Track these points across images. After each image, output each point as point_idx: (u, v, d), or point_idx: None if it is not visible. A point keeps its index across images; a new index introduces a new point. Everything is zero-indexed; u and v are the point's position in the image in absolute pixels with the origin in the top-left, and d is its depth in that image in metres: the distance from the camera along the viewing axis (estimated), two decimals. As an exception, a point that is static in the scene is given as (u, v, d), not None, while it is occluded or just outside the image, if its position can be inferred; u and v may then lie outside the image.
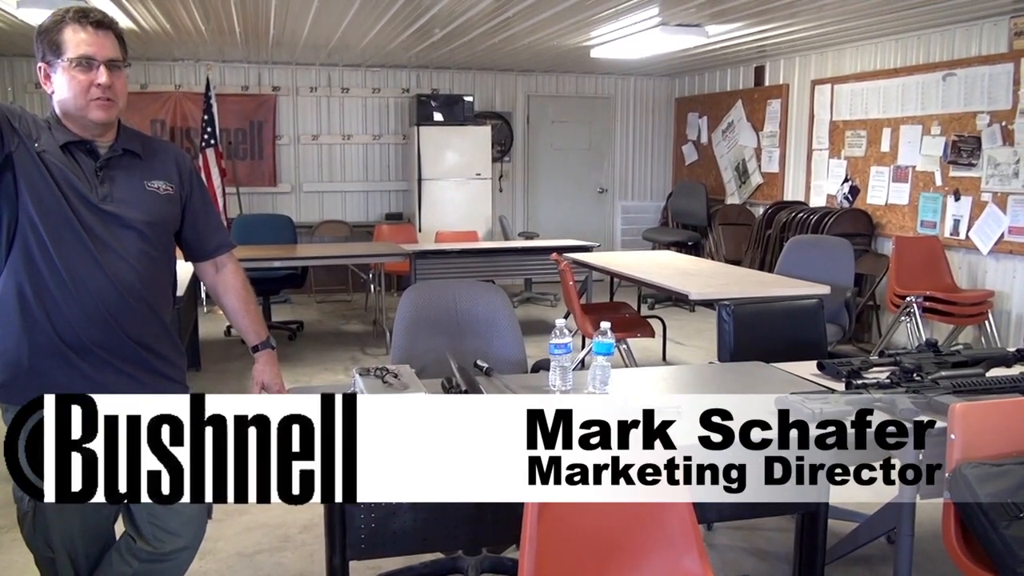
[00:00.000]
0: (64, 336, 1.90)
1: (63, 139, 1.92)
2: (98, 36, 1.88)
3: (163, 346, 2.06)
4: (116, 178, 1.96)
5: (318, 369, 5.91)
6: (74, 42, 1.86)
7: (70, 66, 1.87)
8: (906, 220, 6.39)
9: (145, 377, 1.99)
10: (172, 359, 2.09)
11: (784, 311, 3.36)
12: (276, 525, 3.41)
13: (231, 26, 6.35)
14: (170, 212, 2.05)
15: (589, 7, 5.44)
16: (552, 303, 8.36)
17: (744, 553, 3.19)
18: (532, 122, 9.56)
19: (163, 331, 2.06)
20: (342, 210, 9.03)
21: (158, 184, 2.02)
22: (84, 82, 1.87)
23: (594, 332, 2.46)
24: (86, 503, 1.93)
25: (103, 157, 1.95)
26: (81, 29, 1.87)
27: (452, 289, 3.07)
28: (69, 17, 1.87)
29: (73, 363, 1.91)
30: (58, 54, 1.87)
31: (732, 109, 8.69)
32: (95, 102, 1.88)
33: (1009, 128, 5.52)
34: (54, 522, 1.96)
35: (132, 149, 2.00)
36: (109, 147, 1.97)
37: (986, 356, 2.69)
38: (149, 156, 2.04)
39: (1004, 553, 1.97)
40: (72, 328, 1.90)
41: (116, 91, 1.91)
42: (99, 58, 1.88)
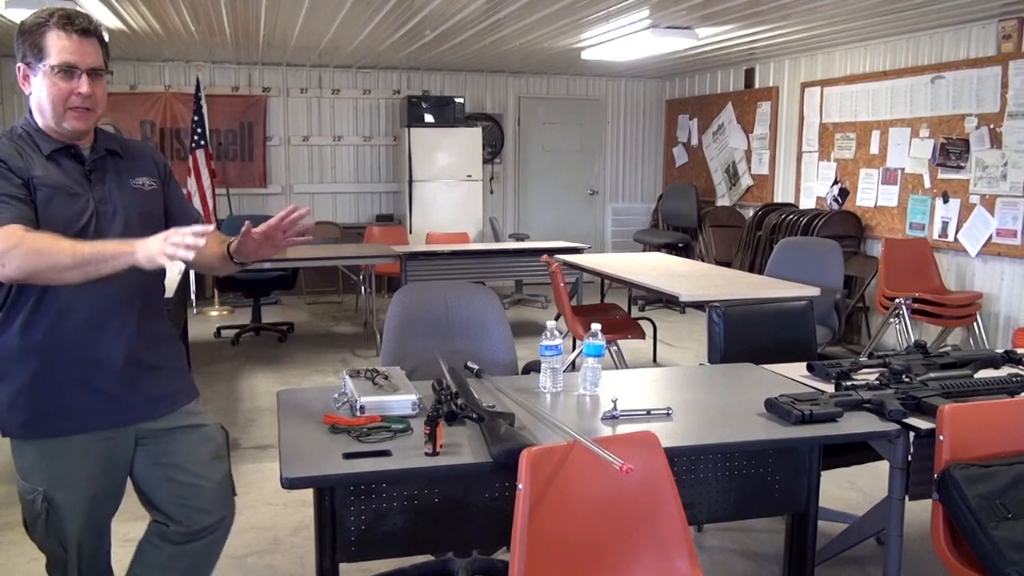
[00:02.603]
0: (78, 355, 1.91)
1: (48, 148, 1.90)
2: (82, 44, 1.85)
3: (166, 341, 2.11)
4: (106, 179, 1.97)
5: (308, 371, 5.89)
6: (57, 48, 1.84)
7: (51, 72, 1.84)
8: (895, 222, 6.42)
9: (152, 374, 2.02)
10: (177, 353, 2.15)
11: (774, 313, 3.37)
12: (266, 527, 3.40)
13: (221, 27, 6.33)
14: (157, 207, 2.07)
15: (580, 9, 5.45)
16: (543, 305, 8.37)
17: (734, 554, 3.20)
18: (523, 124, 9.56)
19: (166, 328, 2.12)
20: (333, 211, 9.02)
21: (142, 181, 2.03)
22: (64, 90, 1.85)
23: (585, 334, 2.47)
24: (91, 500, 1.96)
25: (89, 160, 1.95)
26: (65, 36, 1.84)
27: (443, 291, 3.07)
28: (53, 22, 1.84)
29: (88, 380, 1.93)
30: (39, 58, 1.85)
31: (722, 111, 8.72)
32: (73, 111, 1.87)
33: (997, 131, 5.55)
34: (67, 520, 1.96)
35: (112, 149, 2.01)
36: (91, 149, 1.97)
37: (974, 358, 2.71)
38: (128, 155, 2.05)
39: (992, 554, 1.98)
40: (80, 344, 1.91)
41: (96, 99, 1.90)
42: (81, 67, 1.86)
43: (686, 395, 2.53)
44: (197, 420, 2.12)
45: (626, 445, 1.89)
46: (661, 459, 1.93)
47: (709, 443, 2.12)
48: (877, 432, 2.19)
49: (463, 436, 2.03)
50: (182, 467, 2.06)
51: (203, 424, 2.13)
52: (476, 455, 1.92)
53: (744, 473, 2.21)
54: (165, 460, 2.06)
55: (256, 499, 3.65)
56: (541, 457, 1.80)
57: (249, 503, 3.60)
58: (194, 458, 2.08)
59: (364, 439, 1.99)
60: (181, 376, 2.14)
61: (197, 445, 2.09)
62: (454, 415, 2.09)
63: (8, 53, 7.79)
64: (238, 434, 4.52)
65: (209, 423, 2.15)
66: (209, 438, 2.12)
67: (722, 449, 2.15)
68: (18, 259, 1.70)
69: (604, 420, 2.21)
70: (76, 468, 1.94)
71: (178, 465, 2.06)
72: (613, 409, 2.22)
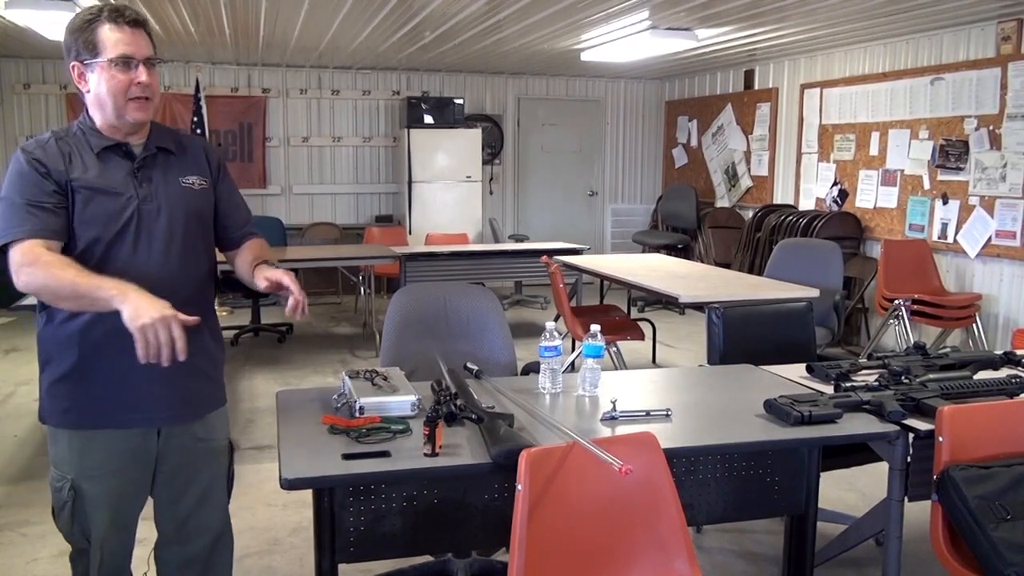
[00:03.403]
0: (117, 351, 1.89)
1: (99, 145, 1.92)
2: (135, 35, 1.88)
3: (211, 344, 2.11)
4: (153, 177, 1.97)
5: (308, 371, 5.89)
6: (112, 41, 1.85)
7: (109, 66, 1.86)
8: (894, 223, 6.42)
9: (189, 378, 2.03)
10: (219, 357, 2.16)
11: (773, 314, 3.37)
12: (265, 528, 3.39)
13: (221, 27, 6.33)
14: (207, 206, 2.09)
15: (580, 10, 5.45)
16: (542, 306, 8.37)
17: (733, 556, 3.20)
18: (522, 125, 9.57)
19: (213, 329, 2.13)
20: (332, 212, 9.02)
21: (192, 179, 2.04)
22: (124, 81, 1.86)
23: (584, 335, 2.47)
24: (116, 495, 1.98)
25: (139, 157, 1.96)
26: (118, 28, 1.86)
27: (442, 291, 3.07)
28: (104, 16, 1.86)
29: (125, 377, 1.93)
30: (95, 53, 1.86)
31: (722, 112, 8.72)
32: (134, 102, 1.88)
33: (996, 132, 5.56)
34: (92, 512, 1.98)
35: (165, 147, 2.01)
36: (143, 146, 1.97)
37: (974, 359, 2.71)
38: (181, 152, 2.05)
39: (992, 555, 1.98)
40: (120, 340, 1.88)
41: (154, 89, 1.93)
42: (138, 57, 1.87)
43: (685, 396, 2.52)
44: (212, 435, 2.13)
45: (625, 446, 1.89)
46: (660, 460, 1.93)
47: (708, 444, 2.12)
48: (876, 433, 2.19)
49: (462, 437, 2.03)
50: (182, 487, 2.09)
51: (213, 440, 2.14)
52: (475, 456, 1.91)
53: (743, 474, 2.21)
54: (172, 478, 2.08)
55: (255, 500, 3.65)
56: (540, 458, 1.80)
57: (248, 504, 3.60)
58: (198, 478, 2.11)
59: (363, 440, 1.99)
60: (215, 383, 2.15)
61: (203, 464, 2.11)
62: (453, 416, 2.09)
63: (8, 54, 7.79)
64: (237, 435, 4.51)
65: (219, 440, 2.16)
66: (213, 459, 2.14)
67: (721, 450, 2.15)
68: (26, 276, 1.78)
69: (603, 421, 2.21)
70: (104, 462, 1.96)
71: (177, 485, 2.09)
72: (612, 410, 2.21)
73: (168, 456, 2.05)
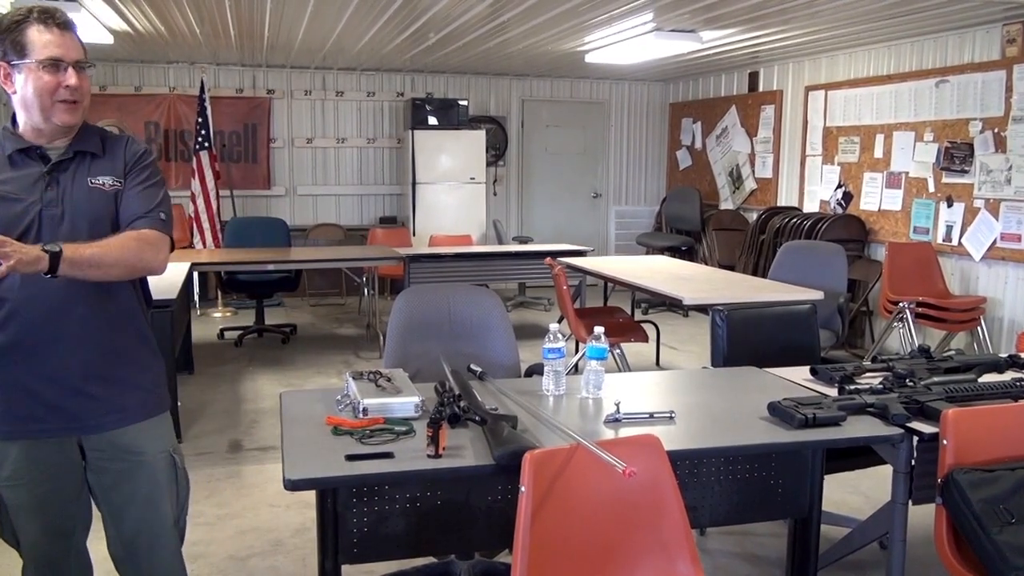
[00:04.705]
0: (25, 360, 1.87)
1: (10, 148, 1.89)
2: (64, 37, 1.85)
3: (132, 351, 2.00)
4: (61, 181, 1.90)
5: (311, 373, 5.90)
6: (41, 43, 1.82)
7: (37, 67, 1.83)
8: (899, 226, 6.41)
9: (105, 387, 1.94)
10: (144, 363, 2.04)
11: (777, 316, 3.36)
12: (268, 529, 3.40)
13: (226, 29, 6.34)
14: (110, 207, 1.96)
15: (584, 12, 5.45)
16: (546, 308, 8.36)
17: (737, 558, 3.19)
18: (526, 126, 9.57)
19: (134, 336, 2.01)
20: (336, 213, 9.03)
21: (103, 180, 1.94)
22: (51, 83, 1.83)
23: (588, 337, 2.47)
24: (43, 501, 1.95)
25: (52, 161, 1.91)
26: (47, 30, 1.83)
27: (446, 293, 3.07)
28: (34, 17, 1.83)
29: (35, 388, 1.88)
30: (22, 55, 1.83)
31: (726, 114, 8.71)
32: (62, 104, 1.85)
33: (1001, 135, 5.55)
34: (20, 518, 1.96)
35: (86, 150, 1.94)
36: (61, 151, 1.92)
37: (978, 362, 2.71)
38: (106, 153, 1.97)
39: (996, 559, 1.98)
40: (28, 351, 1.87)
41: (83, 92, 1.89)
42: (67, 60, 1.85)
43: (689, 398, 2.52)
44: (140, 448, 1.99)
45: (629, 448, 1.89)
46: (664, 462, 1.92)
47: (712, 446, 2.12)
48: (880, 436, 2.19)
49: (466, 438, 2.03)
50: (121, 504, 2.01)
51: (143, 454, 1.99)
52: (479, 457, 1.92)
53: (747, 477, 2.21)
54: (107, 495, 2.01)
55: (258, 501, 3.66)
56: (544, 460, 1.80)
57: (251, 505, 3.60)
58: (134, 499, 2.00)
59: (366, 441, 1.99)
60: (142, 390, 2.01)
61: (138, 485, 2.00)
62: (457, 417, 2.09)
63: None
64: (241, 435, 4.52)
65: (151, 455, 2.01)
66: (149, 476, 2.01)
67: (725, 452, 2.15)
68: None
69: (607, 423, 2.21)
70: (20, 472, 1.92)
71: (117, 502, 2.01)
72: (616, 412, 2.21)
73: (95, 467, 1.98)
